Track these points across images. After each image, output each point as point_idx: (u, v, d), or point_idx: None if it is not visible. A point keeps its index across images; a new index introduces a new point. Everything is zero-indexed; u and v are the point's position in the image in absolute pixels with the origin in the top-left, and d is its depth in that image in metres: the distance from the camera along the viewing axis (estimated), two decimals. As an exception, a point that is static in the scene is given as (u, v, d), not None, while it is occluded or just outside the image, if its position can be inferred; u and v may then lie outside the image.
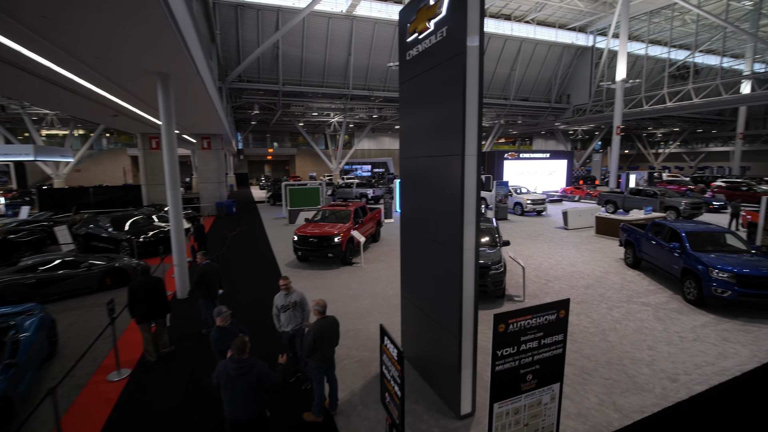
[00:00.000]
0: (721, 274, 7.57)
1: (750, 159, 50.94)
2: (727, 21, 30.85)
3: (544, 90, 44.92)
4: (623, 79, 31.45)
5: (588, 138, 59.24)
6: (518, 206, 20.67)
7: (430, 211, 4.97)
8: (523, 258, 11.88)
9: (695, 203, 17.51)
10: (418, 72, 5.00)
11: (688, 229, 9.05)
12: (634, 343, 6.50)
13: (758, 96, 32.64)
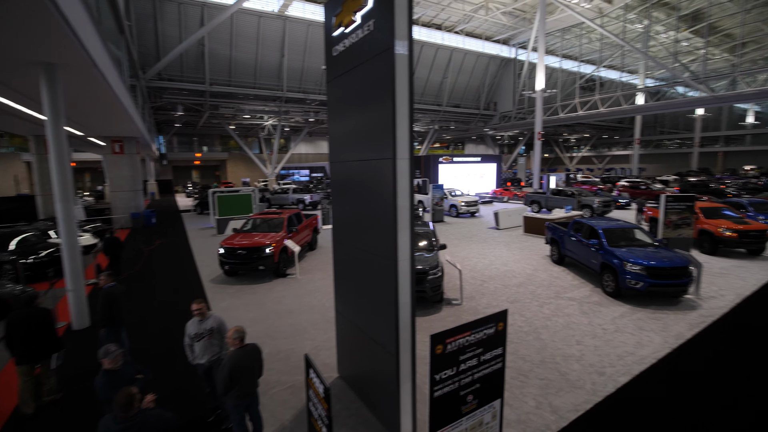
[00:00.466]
0: (633, 267, 8.16)
1: (645, 161, 58.16)
2: (624, 40, 34.82)
3: (473, 97, 47.20)
4: (542, 89, 34.01)
5: (513, 143, 63.47)
6: (453, 208, 21.21)
7: (362, 219, 4.59)
8: (459, 260, 12.03)
9: (606, 201, 19.31)
10: (345, 69, 4.61)
11: (604, 226, 9.72)
12: (564, 339, 6.70)
13: (649, 107, 37.28)
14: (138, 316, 7.76)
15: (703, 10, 35.68)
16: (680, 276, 8.06)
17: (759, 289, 9.07)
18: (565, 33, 42.36)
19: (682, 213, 11.02)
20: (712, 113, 54.27)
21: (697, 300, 8.41)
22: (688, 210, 10.99)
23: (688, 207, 10.97)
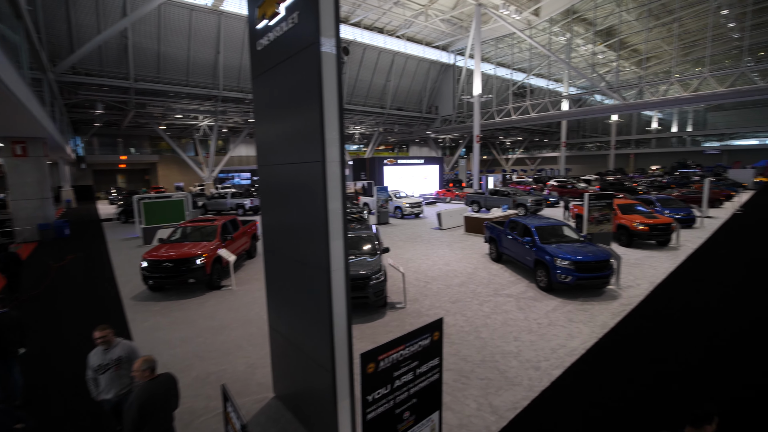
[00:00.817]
0: (563, 262, 8.63)
1: (571, 162, 63.31)
2: (549, 51, 37.56)
3: (416, 101, 48.20)
4: (479, 94, 35.61)
5: (455, 145, 65.84)
6: (398, 210, 21.33)
7: (292, 226, 4.27)
8: (403, 261, 12.01)
9: (538, 200, 20.58)
10: (270, 65, 4.25)
11: (536, 224, 10.22)
12: (503, 336, 6.85)
13: (572, 113, 40.52)
14: (37, 347, 6.67)
15: (614, 27, 39.65)
16: (603, 269, 8.67)
17: (667, 277, 10.05)
18: (498, 42, 44.77)
19: (603, 210, 11.95)
20: (624, 119, 60.52)
21: (617, 290, 9.10)
22: (608, 207, 11.95)
23: (607, 204, 11.92)
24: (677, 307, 8.08)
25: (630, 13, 38.04)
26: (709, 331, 6.86)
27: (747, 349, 6.19)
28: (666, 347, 6.32)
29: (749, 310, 7.72)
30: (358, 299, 7.58)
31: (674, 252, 12.50)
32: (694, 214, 16.49)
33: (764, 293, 8.60)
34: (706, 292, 8.81)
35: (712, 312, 7.68)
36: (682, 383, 5.29)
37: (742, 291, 8.80)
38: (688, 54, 44.97)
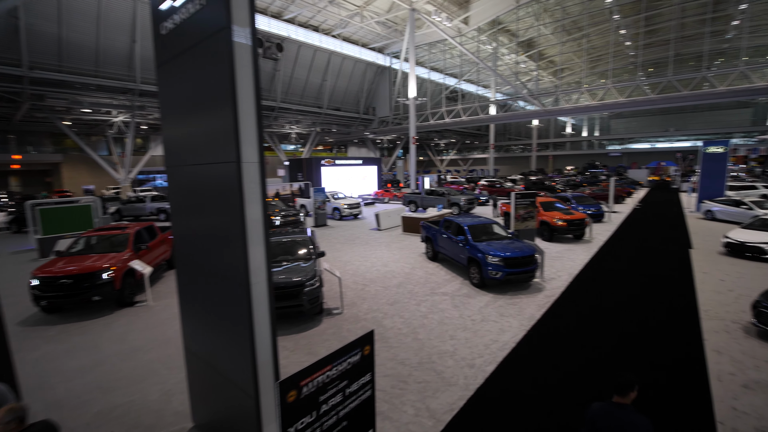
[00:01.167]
0: (493, 259, 8.96)
1: (499, 163, 67.50)
2: (478, 58, 39.62)
3: (353, 101, 47.96)
4: (414, 96, 36.40)
5: (392, 146, 66.80)
6: (336, 211, 20.92)
7: (205, 235, 3.78)
8: (341, 264, 11.71)
9: (470, 199, 21.48)
10: (176, 52, 3.72)
11: (469, 223, 10.53)
12: (440, 335, 6.87)
13: (499, 117, 43.16)
14: None
15: (534, 39, 42.97)
16: (529, 263, 9.16)
17: (584, 268, 10.95)
18: (431, 47, 46.22)
19: (528, 207, 12.70)
20: (543, 124, 65.98)
21: (542, 282, 9.68)
22: (532, 205, 12.73)
23: (531, 202, 12.69)
24: (593, 295, 8.78)
25: (547, 27, 41.47)
26: (621, 316, 7.52)
27: (653, 332, 6.87)
28: (585, 334, 6.80)
29: (653, 295, 8.63)
30: (291, 308, 7.15)
31: (588, 245, 13.72)
32: (603, 210, 18.34)
33: (662, 278, 9.71)
34: (616, 280, 9.73)
35: (622, 299, 8.46)
36: (602, 366, 5.69)
37: (645, 277, 9.85)
38: (595, 67, 50.28)
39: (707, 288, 8.95)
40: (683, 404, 4.83)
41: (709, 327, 6.94)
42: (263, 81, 35.77)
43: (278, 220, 15.56)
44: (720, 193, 19.63)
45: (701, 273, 10.08)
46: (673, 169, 43.55)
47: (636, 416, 2.71)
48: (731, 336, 6.57)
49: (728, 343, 6.32)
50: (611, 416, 2.78)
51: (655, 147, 60.09)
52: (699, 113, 57.62)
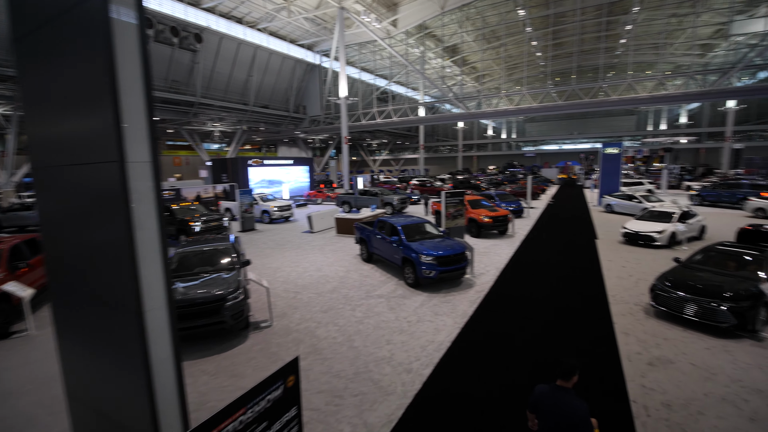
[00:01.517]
0: (427, 258, 8.97)
1: (429, 163, 69.91)
2: (407, 61, 40.44)
3: (282, 99, 46.04)
4: (345, 96, 35.98)
5: (325, 146, 65.65)
6: (266, 214, 19.75)
7: (84, 251, 3.05)
8: (271, 271, 10.95)
9: (403, 199, 21.71)
10: (39, 22, 2.93)
11: (402, 223, 10.46)
12: (376, 341, 6.62)
13: (428, 118, 44.61)
14: None
15: (457, 45, 45.11)
16: (461, 261, 9.34)
17: (509, 261, 11.53)
18: (362, 48, 46.15)
19: (457, 206, 13.07)
20: (468, 126, 69.70)
21: (473, 278, 9.96)
22: (461, 203, 13.13)
23: (460, 201, 13.09)
24: (518, 287, 9.22)
25: (469, 34, 43.76)
26: (544, 305, 7.95)
27: (571, 318, 7.34)
28: (514, 325, 7.04)
29: (568, 284, 9.32)
30: (212, 326, 6.38)
31: (511, 239, 14.57)
32: (522, 206, 19.71)
33: (575, 268, 10.57)
34: (537, 271, 10.36)
35: (543, 288, 9.00)
36: (531, 354, 5.88)
37: (560, 267, 10.64)
38: (512, 74, 54.37)
39: (612, 275, 9.92)
40: (601, 385, 5.15)
41: (616, 311, 7.63)
42: (180, 73, 32.65)
43: (198, 227, 14.13)
44: (616, 188, 22.31)
45: (606, 261, 11.18)
46: (577, 168, 48.73)
47: (576, 400, 2.92)
48: (635, 318, 7.28)
49: (633, 325, 6.98)
50: (553, 398, 2.97)
51: (562, 148, 66.90)
52: (597, 119, 65.46)
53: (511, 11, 38.25)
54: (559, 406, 2.92)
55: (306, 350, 6.35)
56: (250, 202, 17.94)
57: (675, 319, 7.01)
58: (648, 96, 32.97)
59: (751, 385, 5.08)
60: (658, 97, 32.54)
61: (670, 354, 5.92)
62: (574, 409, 2.87)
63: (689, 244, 12.69)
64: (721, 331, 6.43)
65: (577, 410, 2.86)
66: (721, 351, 5.95)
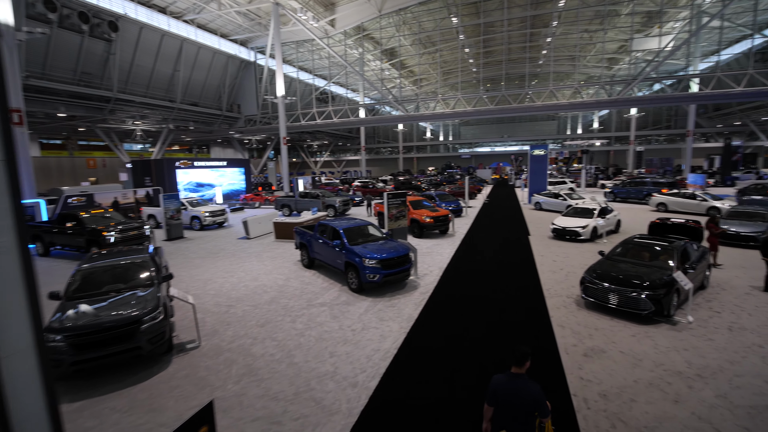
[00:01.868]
0: (370, 262, 8.66)
1: (371, 165, 70.09)
2: (346, 62, 40.01)
3: (214, 97, 43.08)
4: (282, 95, 34.59)
5: (262, 147, 62.78)
6: (196, 221, 18.12)
7: None
8: (200, 284, 9.91)
9: (345, 200, 21.26)
10: None
11: (344, 226, 10.05)
12: (318, 354, 6.15)
13: (368, 120, 44.62)
14: None
15: (395, 48, 45.67)
16: (404, 263, 9.17)
17: (451, 260, 11.65)
18: (299, 46, 44.79)
19: (399, 207, 12.97)
20: (407, 129, 71.11)
21: (417, 280, 9.86)
22: (403, 204, 13.04)
23: (402, 201, 13.00)
24: (461, 286, 9.28)
25: (406, 38, 44.52)
26: (486, 303, 8.03)
27: (512, 314, 7.48)
28: (459, 325, 6.98)
29: (507, 280, 9.59)
30: (124, 353, 5.46)
31: (452, 238, 14.84)
32: (461, 205, 20.31)
33: (512, 264, 10.97)
34: (477, 269, 10.56)
35: (484, 285, 9.14)
36: (478, 355, 5.81)
37: (498, 264, 10.97)
38: (448, 79, 56.43)
39: (545, 269, 10.43)
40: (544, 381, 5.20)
41: (552, 304, 7.95)
42: (92, 65, 28.96)
43: (113, 237, 12.41)
44: (544, 187, 23.96)
45: (539, 256, 11.77)
46: (508, 168, 51.95)
47: (530, 383, 3.13)
48: (568, 310, 7.63)
49: (567, 317, 7.30)
50: (510, 385, 3.15)
51: (494, 150, 71.01)
52: (523, 123, 70.46)
53: (445, 18, 39.61)
54: (517, 392, 3.09)
55: (240, 372, 5.69)
56: (177, 207, 16.29)
57: (603, 309, 7.46)
58: (567, 103, 36.07)
59: (671, 367, 5.47)
60: (576, 104, 35.75)
61: (601, 344, 6.22)
62: (530, 391, 3.06)
63: (608, 237, 13.88)
64: (642, 318, 6.95)
65: (532, 393, 3.05)
66: (644, 337, 6.39)
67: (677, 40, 33.70)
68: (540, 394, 3.04)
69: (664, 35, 32.96)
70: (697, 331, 6.53)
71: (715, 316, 7.11)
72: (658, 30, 34.74)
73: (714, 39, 38.07)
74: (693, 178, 26.37)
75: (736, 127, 47.82)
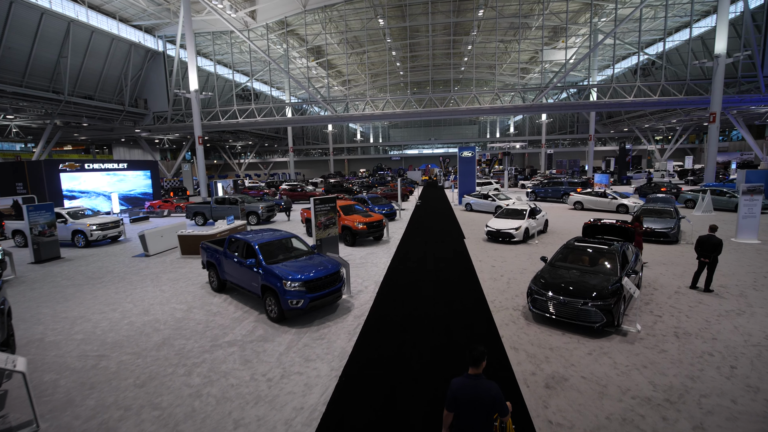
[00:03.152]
0: (293, 284, 7.03)
1: (301, 167, 66.99)
2: (270, 58, 37.07)
3: (114, 90, 37.08)
4: (196, 89, 30.76)
5: (177, 148, 56.24)
6: (80, 235, 14.60)
7: None
8: (66, 324, 7.40)
9: (270, 206, 19.01)
10: None
11: (260, 240, 8.24)
12: (218, 425, 4.42)
13: (295, 120, 42.10)
14: None
15: (322, 47, 43.72)
16: (335, 282, 7.69)
17: (387, 271, 10.44)
18: (216, 38, 40.58)
19: (329, 213, 11.43)
20: (337, 130, 69.35)
21: (350, 299, 8.44)
22: (333, 210, 11.53)
23: (332, 207, 11.48)
24: (399, 303, 8.06)
25: (333, 37, 42.85)
26: (429, 325, 6.88)
27: (459, 336, 6.42)
28: (400, 358, 5.71)
29: (448, 292, 8.60)
30: None
31: (387, 245, 13.70)
32: (394, 208, 19.35)
33: (451, 273, 10.09)
34: (415, 280, 9.46)
35: (424, 301, 8.03)
36: (427, 393, 4.58)
37: (437, 273, 10.03)
38: (376, 81, 55.91)
39: (486, 277, 9.72)
40: None
41: (499, 320, 7.09)
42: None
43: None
44: (473, 188, 24.14)
45: (477, 262, 11.11)
46: (437, 170, 53.02)
47: (487, 382, 3.03)
48: (518, 326, 6.81)
49: (518, 335, 6.45)
50: (468, 386, 3.03)
51: (422, 153, 72.49)
52: (449, 127, 73.04)
53: (372, 19, 38.77)
54: (476, 392, 2.98)
55: (87, 477, 3.74)
56: (49, 221, 12.81)
57: (552, 321, 6.78)
58: (489, 107, 37.49)
59: (638, 393, 4.78)
60: (496, 108, 37.31)
61: (560, 368, 5.41)
62: (488, 390, 2.97)
63: (539, 237, 13.86)
64: (594, 330, 6.36)
65: (491, 391, 2.97)
66: (601, 354, 5.74)
67: (578, 55, 36.92)
68: (499, 393, 2.97)
69: (569, 48, 35.78)
70: (648, 342, 6.08)
71: (659, 321, 6.81)
72: (563, 44, 37.79)
73: (609, 54, 42.68)
74: (599, 177, 28.81)
75: (624, 133, 54.50)
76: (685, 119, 42.20)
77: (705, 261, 8.28)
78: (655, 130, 50.75)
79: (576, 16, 38.44)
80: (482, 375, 3.06)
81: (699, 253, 8.35)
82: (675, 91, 31.68)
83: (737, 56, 25.09)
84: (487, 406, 2.93)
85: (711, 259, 8.20)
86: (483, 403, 2.93)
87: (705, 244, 8.21)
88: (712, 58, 25.69)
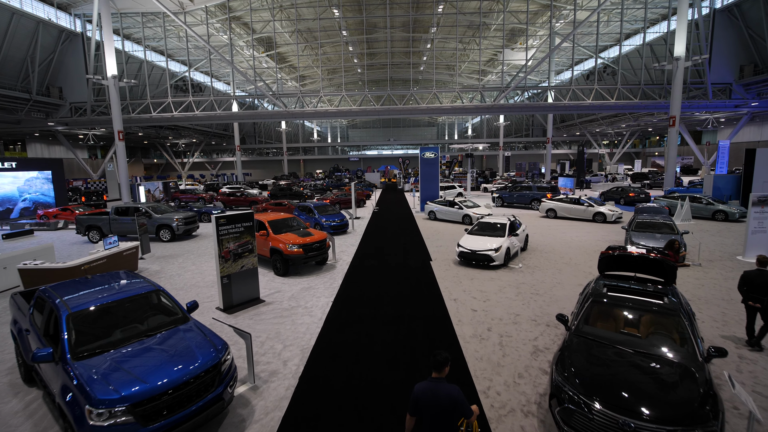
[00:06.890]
0: (106, 411, 3.37)
1: (251, 167, 61.34)
2: (212, 47, 32.00)
3: (18, 75, 30.28)
4: (114, 75, 25.37)
5: (108, 144, 48.74)
6: None
7: None
8: None
9: (189, 218, 14.61)
10: None
11: (78, 304, 4.41)
12: None
13: (240, 115, 37.24)
14: None
15: (272, 38, 39.11)
16: (208, 388, 4.05)
17: (322, 328, 6.91)
18: (148, 21, 34.68)
19: (242, 237, 7.74)
20: (292, 128, 64.41)
21: (250, 399, 4.85)
22: (248, 232, 7.84)
23: (246, 229, 7.79)
24: (334, 400, 4.63)
25: (284, 27, 38.43)
26: None
27: None
28: None
29: (419, 371, 5.28)
30: None
31: (332, 273, 10.15)
32: (346, 219, 15.82)
33: (420, 324, 6.80)
34: (368, 343, 6.06)
35: (383, 398, 4.66)
36: None
37: (399, 326, 6.70)
38: (332, 79, 51.89)
39: (467, 332, 6.52)
40: None
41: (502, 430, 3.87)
42: None
43: None
44: (436, 194, 21.18)
45: (451, 301, 7.93)
46: (396, 171, 50.15)
47: (448, 386, 2.96)
48: (542, 470, 3.63)
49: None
50: (430, 390, 2.94)
51: (381, 154, 69.50)
52: (408, 128, 70.64)
53: (326, 9, 34.90)
54: (437, 395, 2.90)
55: None
56: None
57: (602, 457, 3.65)
58: (450, 106, 35.10)
59: None
60: (457, 108, 34.99)
61: None
62: (449, 392, 2.90)
63: (521, 257, 11.01)
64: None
65: (451, 393, 2.90)
66: None
67: (537, 57, 35.53)
68: (460, 395, 2.90)
69: (529, 49, 34.21)
70: None
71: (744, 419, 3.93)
72: (521, 45, 36.25)
73: (565, 58, 41.98)
74: (563, 181, 27.17)
75: (576, 137, 54.85)
76: (633, 124, 42.54)
77: (757, 306, 5.71)
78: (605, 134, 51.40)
79: (535, 17, 37.11)
80: (444, 379, 2.98)
81: (745, 295, 5.78)
82: (630, 95, 31.01)
83: (696, 59, 24.33)
84: (448, 408, 2.86)
85: (765, 303, 5.65)
86: (443, 406, 2.87)
87: (755, 283, 5.66)
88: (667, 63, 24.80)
